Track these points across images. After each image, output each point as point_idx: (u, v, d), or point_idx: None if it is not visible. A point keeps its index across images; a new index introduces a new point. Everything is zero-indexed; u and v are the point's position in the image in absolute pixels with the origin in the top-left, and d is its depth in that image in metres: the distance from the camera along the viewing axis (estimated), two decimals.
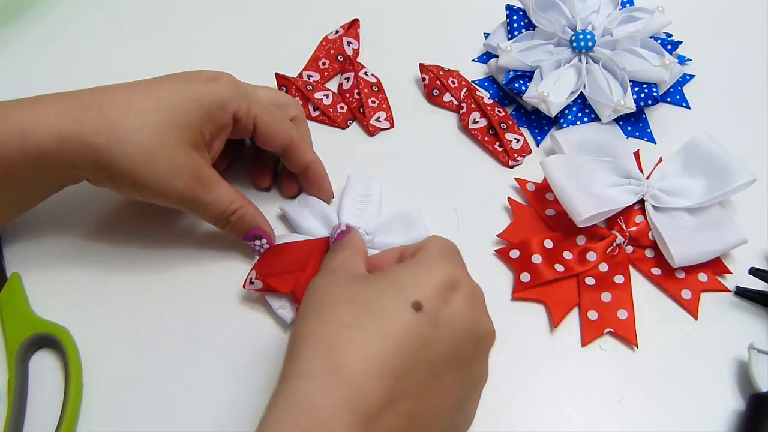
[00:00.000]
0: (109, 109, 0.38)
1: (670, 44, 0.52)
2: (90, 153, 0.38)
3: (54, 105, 0.38)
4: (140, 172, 0.39)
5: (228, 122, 0.42)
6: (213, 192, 0.41)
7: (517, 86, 0.51)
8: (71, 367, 0.40)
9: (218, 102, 0.40)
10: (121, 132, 0.38)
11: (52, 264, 0.45)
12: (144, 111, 0.39)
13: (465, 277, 0.34)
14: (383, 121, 0.51)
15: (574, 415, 0.40)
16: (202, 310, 0.43)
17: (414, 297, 0.32)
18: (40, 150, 0.37)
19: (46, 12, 0.58)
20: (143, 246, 0.46)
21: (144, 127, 0.38)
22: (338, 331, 0.31)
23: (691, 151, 0.47)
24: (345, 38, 0.55)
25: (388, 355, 0.30)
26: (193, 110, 0.40)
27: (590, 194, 0.44)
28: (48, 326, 0.42)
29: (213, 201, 0.41)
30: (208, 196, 0.41)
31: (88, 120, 0.38)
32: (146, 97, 0.39)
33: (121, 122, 0.38)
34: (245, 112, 0.42)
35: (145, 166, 0.39)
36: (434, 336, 0.31)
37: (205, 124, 0.40)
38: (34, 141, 0.37)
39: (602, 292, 0.44)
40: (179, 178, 0.39)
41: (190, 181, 0.40)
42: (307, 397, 0.29)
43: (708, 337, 0.43)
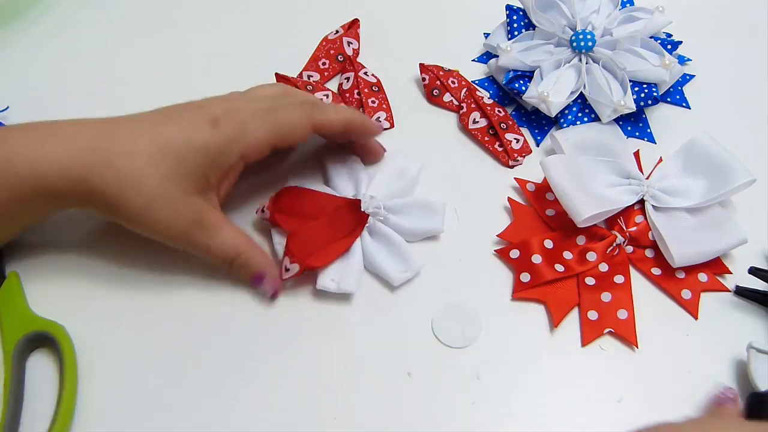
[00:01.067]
0: (115, 157, 0.39)
1: (670, 44, 0.52)
2: (97, 197, 0.39)
3: (63, 144, 0.39)
4: (143, 217, 0.40)
5: (235, 163, 0.42)
6: (215, 238, 0.42)
7: (517, 86, 0.51)
8: (67, 365, 0.40)
9: (222, 149, 0.41)
10: (126, 181, 0.39)
11: (51, 263, 0.45)
12: (148, 159, 0.39)
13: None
14: (383, 121, 0.51)
15: (574, 415, 0.40)
16: (201, 309, 0.43)
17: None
18: (51, 189, 0.39)
19: (46, 12, 0.58)
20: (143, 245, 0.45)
21: (148, 176, 0.39)
22: None
23: (691, 151, 0.47)
24: (345, 38, 0.55)
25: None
26: (197, 159, 0.40)
27: (590, 194, 0.44)
28: (45, 324, 0.42)
29: (215, 246, 0.42)
30: (211, 242, 0.42)
31: (94, 166, 0.39)
32: (150, 142, 0.40)
33: (126, 171, 0.39)
34: (253, 147, 0.42)
35: (147, 213, 0.40)
36: None
37: (210, 170, 0.41)
38: (45, 182, 0.39)
39: (602, 292, 0.44)
40: (180, 225, 0.41)
41: (191, 228, 0.41)
42: None
43: (708, 337, 0.43)
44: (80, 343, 0.41)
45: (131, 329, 0.43)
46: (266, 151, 0.43)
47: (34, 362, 0.42)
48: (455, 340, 0.42)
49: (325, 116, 0.43)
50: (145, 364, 0.41)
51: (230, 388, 0.41)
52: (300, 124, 0.43)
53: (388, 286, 0.44)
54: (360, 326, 0.43)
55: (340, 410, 0.40)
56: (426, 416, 0.40)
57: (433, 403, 0.40)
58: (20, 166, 0.39)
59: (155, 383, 0.41)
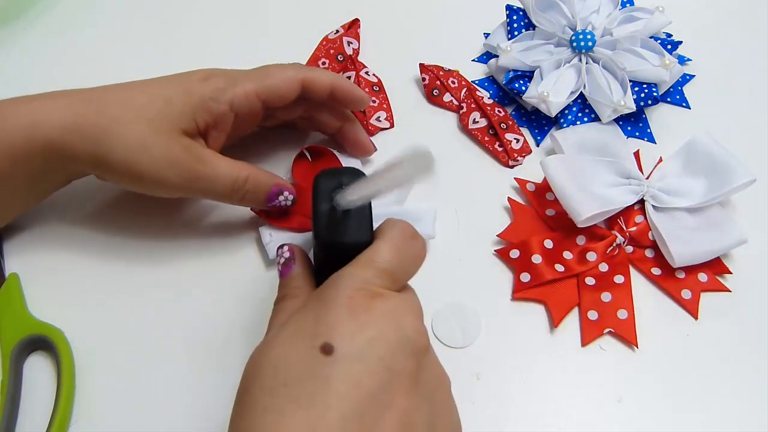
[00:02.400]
0: (107, 105, 0.40)
1: (670, 44, 0.52)
2: (89, 145, 0.39)
3: (60, 99, 0.40)
4: (136, 161, 0.39)
5: (224, 112, 0.42)
6: (215, 167, 0.41)
7: (517, 86, 0.51)
8: (64, 369, 0.40)
9: (211, 94, 0.41)
10: (117, 125, 0.39)
11: (52, 265, 0.45)
12: (139, 106, 0.40)
13: (382, 291, 0.31)
14: (383, 121, 0.51)
15: (574, 415, 0.40)
16: (201, 315, 0.43)
17: (322, 339, 0.29)
18: (45, 142, 0.39)
19: (46, 12, 0.58)
20: (145, 250, 0.46)
21: (138, 120, 0.40)
22: (264, 412, 0.29)
23: (691, 151, 0.47)
24: (345, 38, 0.55)
25: (313, 424, 0.27)
26: (186, 101, 0.41)
27: (590, 194, 0.44)
28: (43, 327, 0.42)
29: (218, 175, 0.41)
30: (211, 171, 0.41)
31: (88, 114, 0.39)
32: (141, 93, 0.41)
33: (118, 116, 0.39)
34: (243, 96, 0.42)
35: (140, 155, 0.39)
36: (359, 369, 0.28)
37: (198, 113, 0.41)
38: (39, 133, 0.39)
39: (602, 292, 0.44)
40: (176, 162, 0.40)
41: (188, 162, 0.40)
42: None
43: (708, 337, 0.43)
44: (79, 346, 0.41)
45: (130, 333, 0.43)
46: (257, 106, 0.43)
47: (32, 365, 0.42)
48: (455, 340, 0.42)
49: (314, 74, 0.44)
50: (143, 368, 0.41)
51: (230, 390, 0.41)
52: (289, 78, 0.43)
53: None
54: None
55: None
56: None
57: None
58: (13, 119, 0.39)
59: (153, 388, 0.41)
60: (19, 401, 0.40)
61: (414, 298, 0.34)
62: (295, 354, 0.29)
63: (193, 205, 0.47)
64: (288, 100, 0.44)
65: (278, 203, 0.43)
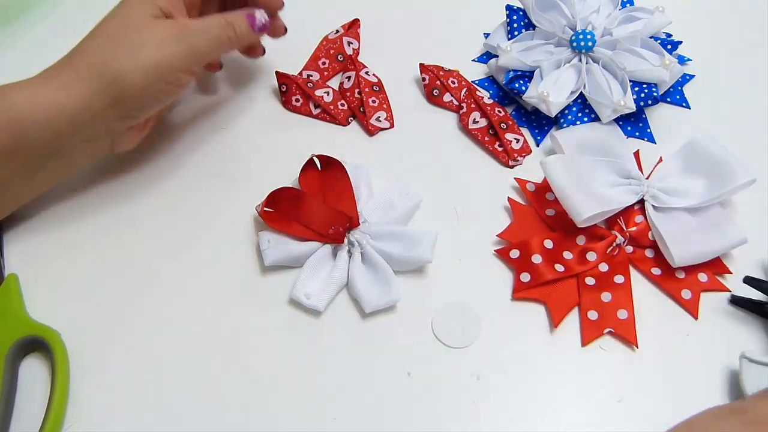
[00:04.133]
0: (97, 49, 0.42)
1: (670, 44, 0.52)
2: (106, 95, 0.41)
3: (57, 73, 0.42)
4: (146, 63, 0.41)
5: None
6: (200, 22, 0.44)
7: (517, 86, 0.51)
8: (58, 370, 0.40)
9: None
10: (110, 53, 0.42)
11: (51, 267, 0.45)
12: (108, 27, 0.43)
13: None
14: (383, 121, 0.51)
15: (574, 415, 0.40)
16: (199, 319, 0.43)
17: None
18: (56, 109, 0.41)
19: (46, 12, 0.58)
20: (144, 254, 0.46)
21: (117, 35, 0.42)
22: None
23: (691, 151, 0.47)
24: (345, 38, 0.55)
25: None
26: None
27: (590, 194, 0.44)
28: (39, 329, 0.41)
29: (209, 24, 0.44)
30: (201, 24, 0.44)
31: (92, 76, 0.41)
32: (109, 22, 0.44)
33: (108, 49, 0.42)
34: None
35: (143, 52, 0.41)
36: None
37: (158, 1, 0.43)
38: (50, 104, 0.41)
39: (602, 292, 0.44)
40: (173, 46, 0.42)
41: (180, 32, 0.43)
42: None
43: (708, 337, 0.43)
44: (76, 347, 0.41)
45: (128, 335, 0.43)
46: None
47: (28, 366, 0.42)
48: (455, 340, 0.42)
49: None
50: (141, 371, 0.41)
51: (227, 392, 0.41)
52: None
53: None
54: (360, 326, 0.43)
55: (340, 410, 0.40)
56: (426, 416, 0.40)
57: (433, 403, 0.40)
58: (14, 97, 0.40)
59: (149, 390, 0.41)
60: (14, 402, 0.40)
61: None
62: None
63: (193, 208, 0.47)
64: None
65: (259, 24, 0.46)
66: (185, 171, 0.49)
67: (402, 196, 0.47)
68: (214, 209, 0.47)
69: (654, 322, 0.43)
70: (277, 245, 0.44)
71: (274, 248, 0.44)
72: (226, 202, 0.47)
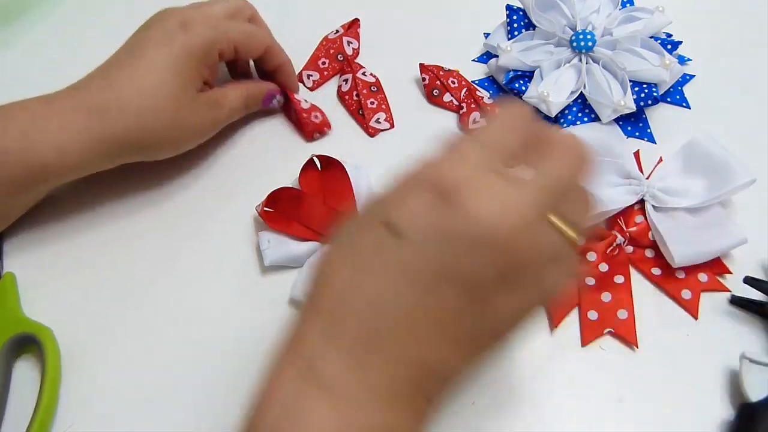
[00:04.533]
0: (125, 101, 0.42)
1: (670, 44, 0.52)
2: (127, 149, 0.43)
3: (78, 114, 0.42)
4: (175, 139, 0.45)
5: (216, 60, 0.47)
6: (226, 105, 0.48)
7: (517, 86, 0.51)
8: (48, 366, 0.40)
9: (203, 47, 0.45)
10: (146, 118, 0.43)
11: (49, 265, 0.45)
12: (152, 88, 0.43)
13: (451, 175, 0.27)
14: (383, 122, 0.51)
15: (574, 415, 0.40)
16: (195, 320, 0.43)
17: (388, 218, 0.27)
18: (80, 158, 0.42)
19: (46, 12, 0.58)
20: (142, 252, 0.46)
21: (160, 104, 0.43)
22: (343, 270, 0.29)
23: (691, 151, 0.47)
24: (345, 38, 0.55)
25: (378, 289, 0.27)
26: (188, 64, 0.44)
27: None
28: (31, 326, 0.41)
29: (232, 111, 0.48)
30: (227, 110, 0.48)
31: (116, 121, 0.42)
32: (147, 72, 0.43)
33: (141, 109, 0.42)
34: (226, 44, 0.46)
35: (176, 132, 0.45)
36: (409, 250, 0.27)
37: (202, 70, 0.45)
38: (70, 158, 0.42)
39: (602, 292, 0.44)
40: (203, 120, 0.46)
41: (211, 114, 0.47)
42: (307, 334, 0.28)
43: (708, 337, 0.43)
44: (72, 346, 0.41)
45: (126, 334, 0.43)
46: (232, 54, 0.47)
47: (24, 364, 0.41)
48: None
49: (278, 47, 0.51)
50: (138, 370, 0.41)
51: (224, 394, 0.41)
52: (260, 40, 0.49)
53: None
54: None
55: None
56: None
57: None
58: (38, 140, 0.40)
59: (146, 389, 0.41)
60: (7, 399, 0.40)
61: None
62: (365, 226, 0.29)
63: (192, 209, 0.47)
64: (251, 55, 0.50)
65: (273, 104, 0.51)
66: (185, 171, 0.49)
67: None
68: (214, 209, 0.47)
69: (654, 322, 0.43)
70: (277, 245, 0.44)
71: (274, 248, 0.44)
72: (226, 202, 0.48)
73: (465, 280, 0.27)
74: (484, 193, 0.27)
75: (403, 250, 0.27)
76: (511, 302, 0.28)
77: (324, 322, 0.28)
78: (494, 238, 0.26)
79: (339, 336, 0.28)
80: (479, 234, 0.26)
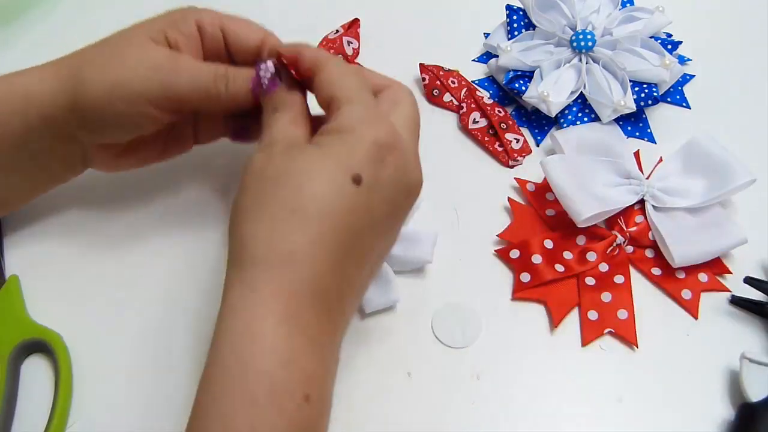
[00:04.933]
0: (81, 54, 0.40)
1: (670, 44, 0.52)
2: (70, 93, 0.39)
3: (39, 67, 0.41)
4: (115, 77, 0.38)
5: (192, 30, 0.40)
6: (194, 64, 0.39)
7: (517, 86, 0.51)
8: (61, 373, 0.40)
9: (176, 15, 0.40)
10: (92, 62, 0.39)
11: (53, 268, 0.45)
12: (109, 44, 0.40)
13: (391, 129, 0.35)
14: None
15: (574, 415, 0.40)
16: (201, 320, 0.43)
17: (352, 171, 0.33)
18: (25, 98, 0.39)
19: (46, 12, 0.58)
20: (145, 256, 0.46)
21: (109, 52, 0.39)
22: (284, 216, 0.32)
23: (691, 151, 0.47)
24: (345, 38, 0.55)
25: (336, 234, 0.32)
26: (152, 24, 0.40)
27: (590, 194, 0.44)
28: (41, 331, 0.41)
29: (200, 69, 0.39)
30: (192, 66, 0.39)
31: (65, 68, 0.40)
32: (111, 37, 0.41)
33: (92, 57, 0.40)
34: (208, 20, 0.40)
35: (118, 68, 0.38)
36: (376, 203, 0.33)
37: (169, 31, 0.39)
38: (19, 90, 0.39)
39: (602, 292, 0.44)
40: (156, 66, 0.38)
41: (167, 63, 0.38)
42: (266, 284, 0.31)
43: (708, 337, 0.43)
44: (77, 349, 0.41)
45: (129, 337, 0.43)
46: (218, 38, 0.40)
47: (30, 368, 0.41)
48: (455, 340, 0.42)
49: (276, 39, 0.42)
50: (142, 373, 0.41)
51: None
52: (256, 30, 0.41)
53: None
54: (360, 326, 0.43)
55: (340, 410, 0.40)
56: (426, 416, 0.40)
57: (433, 403, 0.40)
58: (7, 93, 0.39)
59: (151, 393, 0.41)
60: (16, 404, 0.40)
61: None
62: (328, 179, 0.32)
63: (195, 212, 0.47)
64: (245, 48, 0.41)
65: (264, 83, 0.38)
66: (186, 171, 0.49)
67: None
68: (214, 209, 0.47)
69: (654, 322, 0.43)
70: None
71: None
72: (226, 202, 0.47)
73: (396, 217, 0.36)
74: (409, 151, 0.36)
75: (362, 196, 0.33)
76: (401, 226, 0.37)
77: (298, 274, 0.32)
78: (419, 185, 0.37)
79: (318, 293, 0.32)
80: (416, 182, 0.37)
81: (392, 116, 0.36)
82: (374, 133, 0.34)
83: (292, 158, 0.33)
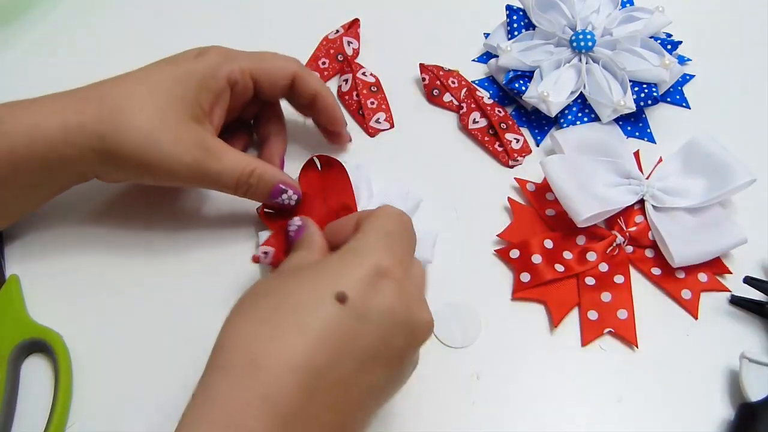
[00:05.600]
0: (107, 98, 0.39)
1: (670, 44, 0.52)
2: (96, 142, 0.39)
3: (59, 101, 0.39)
4: (146, 152, 0.39)
5: (223, 87, 0.42)
6: (223, 160, 0.41)
7: (517, 86, 0.51)
8: (61, 373, 0.40)
9: (208, 71, 0.41)
10: (122, 117, 0.39)
11: (52, 268, 0.45)
12: (139, 95, 0.40)
13: (397, 262, 0.32)
14: (383, 122, 0.51)
15: (574, 415, 0.40)
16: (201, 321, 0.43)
17: (338, 288, 0.30)
18: (46, 144, 0.38)
19: (46, 12, 0.58)
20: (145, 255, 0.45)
21: (143, 109, 0.39)
22: (259, 324, 0.30)
23: (691, 151, 0.47)
24: (345, 38, 0.55)
25: (306, 350, 0.29)
26: (186, 85, 0.40)
27: (590, 194, 0.44)
28: (41, 331, 0.41)
29: (225, 169, 0.41)
30: (219, 164, 0.40)
31: (89, 110, 0.39)
32: (140, 83, 0.40)
33: (121, 108, 0.39)
34: (238, 72, 0.42)
35: (149, 146, 0.39)
36: (361, 329, 0.30)
37: (201, 95, 0.41)
38: (40, 136, 0.38)
39: (602, 292, 0.44)
40: (186, 152, 0.39)
41: (197, 153, 0.40)
42: (222, 390, 0.29)
43: (708, 337, 0.43)
44: (77, 349, 0.41)
45: (129, 337, 0.43)
46: (249, 85, 0.43)
47: (30, 368, 0.41)
48: (455, 340, 0.43)
49: (306, 73, 0.45)
50: (142, 373, 0.41)
51: None
52: (284, 67, 0.44)
53: None
54: None
55: None
56: (426, 416, 0.40)
57: (433, 403, 0.40)
58: (12, 123, 0.38)
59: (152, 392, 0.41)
60: (16, 404, 0.40)
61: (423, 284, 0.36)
62: (311, 292, 0.31)
63: (195, 212, 0.47)
64: (277, 88, 0.44)
65: (281, 201, 0.43)
66: None
67: (402, 197, 0.47)
68: (214, 209, 0.47)
69: (654, 322, 0.43)
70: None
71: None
72: (226, 202, 0.47)
73: (392, 356, 0.32)
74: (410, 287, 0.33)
75: (353, 323, 0.30)
76: (407, 370, 0.34)
77: (262, 387, 0.29)
78: (426, 328, 0.33)
79: (281, 409, 0.29)
80: (420, 323, 0.33)
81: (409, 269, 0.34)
82: (376, 259, 0.32)
83: (293, 275, 0.33)
